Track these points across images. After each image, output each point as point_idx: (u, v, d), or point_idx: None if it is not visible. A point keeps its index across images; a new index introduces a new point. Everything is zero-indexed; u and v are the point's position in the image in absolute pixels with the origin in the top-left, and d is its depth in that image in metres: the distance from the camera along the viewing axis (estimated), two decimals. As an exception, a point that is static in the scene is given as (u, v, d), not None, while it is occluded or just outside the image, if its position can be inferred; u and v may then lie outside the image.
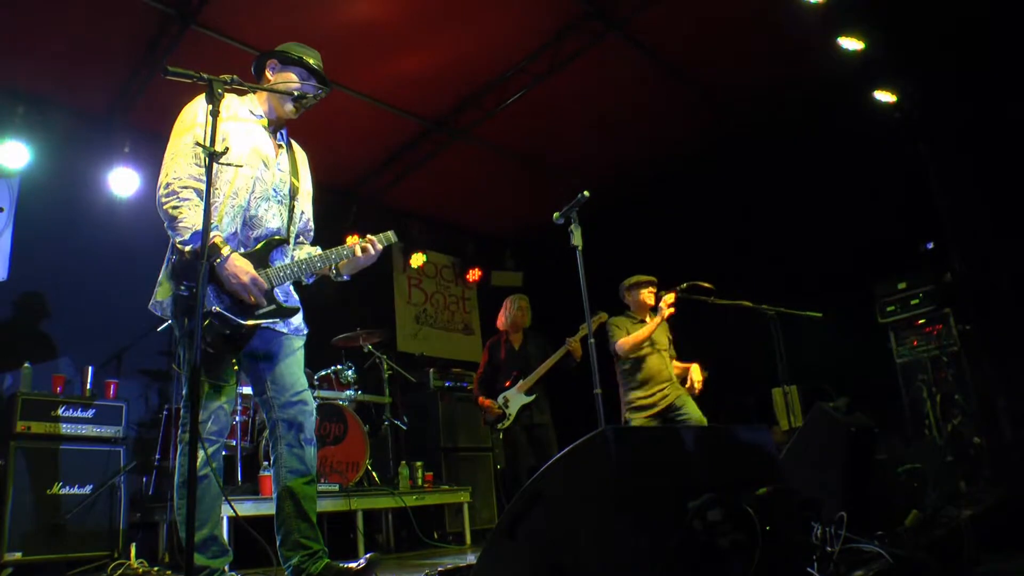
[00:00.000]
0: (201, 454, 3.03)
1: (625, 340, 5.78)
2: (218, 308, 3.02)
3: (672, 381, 5.82)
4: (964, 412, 6.39)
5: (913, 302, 6.89)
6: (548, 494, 2.23)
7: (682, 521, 2.05)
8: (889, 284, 7.08)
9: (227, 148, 2.87)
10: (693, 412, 5.71)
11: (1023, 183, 6.03)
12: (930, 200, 6.63)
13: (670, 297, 5.75)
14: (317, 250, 3.60)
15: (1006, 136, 6.12)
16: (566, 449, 2.22)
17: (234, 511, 3.29)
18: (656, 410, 5.72)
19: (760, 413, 7.41)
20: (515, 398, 6.16)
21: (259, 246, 3.26)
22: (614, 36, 6.65)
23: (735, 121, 7.95)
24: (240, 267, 3.07)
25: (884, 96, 6.74)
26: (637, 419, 5.70)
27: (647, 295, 5.98)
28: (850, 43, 6.39)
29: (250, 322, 3.12)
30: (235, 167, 3.18)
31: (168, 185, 3.08)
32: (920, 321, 6.84)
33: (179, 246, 3.00)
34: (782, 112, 7.56)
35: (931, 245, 6.95)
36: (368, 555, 3.35)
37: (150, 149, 6.60)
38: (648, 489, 2.12)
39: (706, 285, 5.73)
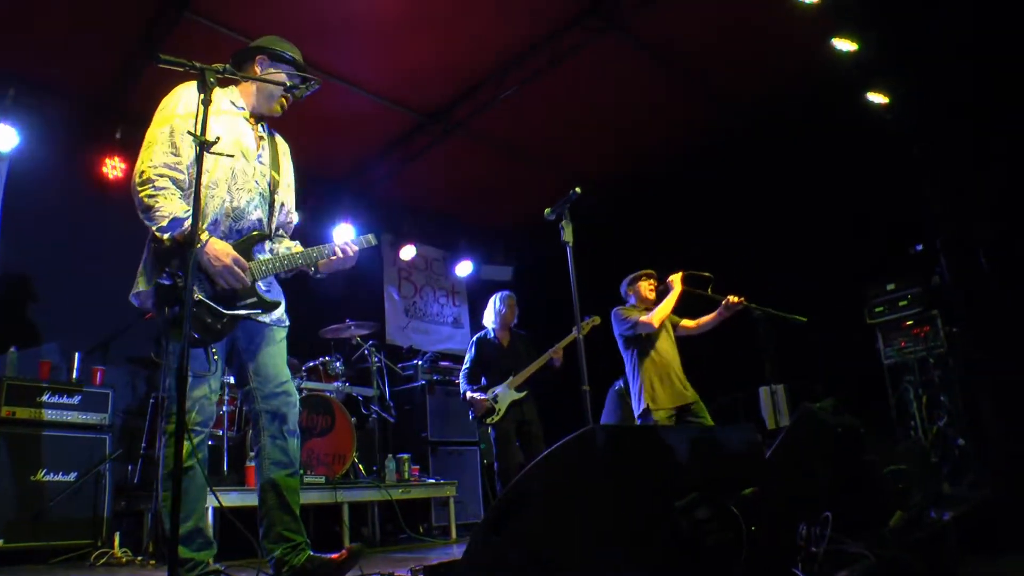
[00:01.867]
0: (187, 445, 3.02)
1: (654, 314, 5.62)
2: (201, 296, 3.01)
3: (682, 375, 5.74)
4: (950, 414, 6.42)
5: (901, 303, 6.91)
6: (535, 490, 2.23)
7: (668, 520, 2.05)
8: (878, 285, 7.10)
9: (218, 138, 2.86)
10: (708, 423, 5.63)
11: (1013, 187, 6.05)
12: (920, 202, 6.65)
13: (679, 275, 5.75)
14: (296, 245, 3.62)
15: (997, 139, 6.13)
16: (553, 446, 2.22)
17: (219, 502, 3.28)
18: (678, 403, 5.57)
19: (747, 412, 7.42)
20: (505, 394, 6.16)
21: (241, 240, 3.26)
22: (612, 33, 6.64)
23: (729, 120, 7.96)
24: (221, 250, 3.06)
25: (877, 97, 6.74)
26: (659, 416, 5.60)
27: (646, 288, 5.93)
28: (844, 44, 6.39)
29: (232, 312, 3.11)
30: (215, 157, 3.16)
31: (143, 173, 3.05)
32: (908, 323, 6.87)
33: (157, 235, 2.98)
34: (776, 112, 7.56)
35: (920, 247, 6.97)
36: (349, 546, 3.35)
37: (142, 136, 6.54)
38: (634, 488, 2.12)
39: (705, 274, 5.72)
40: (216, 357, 3.22)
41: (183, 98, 3.21)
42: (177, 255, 2.93)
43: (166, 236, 2.96)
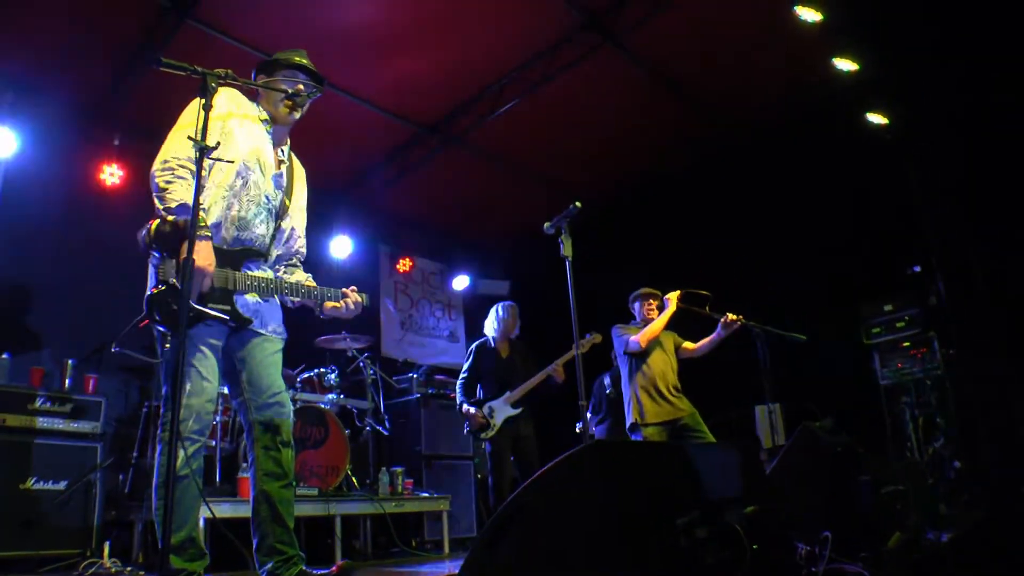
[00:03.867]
0: (181, 454, 2.99)
1: (642, 334, 5.72)
2: (175, 281, 2.96)
3: (679, 390, 5.77)
4: (945, 435, 6.41)
5: (899, 324, 6.91)
6: (532, 507, 2.20)
7: (668, 538, 2.02)
8: (875, 306, 7.10)
9: (218, 143, 2.85)
10: (708, 437, 5.63)
11: (1011, 210, 6.06)
12: (918, 224, 6.66)
13: (675, 294, 5.80)
14: (309, 279, 3.65)
15: (996, 163, 6.15)
16: (551, 463, 2.20)
17: (211, 513, 3.24)
18: (667, 418, 5.61)
19: (743, 431, 7.39)
20: (501, 409, 6.13)
21: (237, 250, 3.26)
22: (610, 48, 6.64)
23: (727, 137, 7.96)
24: (201, 252, 2.97)
25: (876, 118, 6.75)
26: (648, 432, 5.61)
27: (646, 308, 5.98)
28: (845, 64, 6.40)
29: (200, 308, 3.04)
30: (227, 163, 3.15)
31: (166, 161, 3.08)
32: (905, 344, 6.87)
33: (163, 213, 3.00)
34: (774, 130, 7.57)
35: (918, 268, 6.98)
36: (341, 562, 3.32)
37: (140, 143, 6.54)
38: (634, 505, 2.10)
39: (703, 292, 5.75)
40: (216, 364, 3.20)
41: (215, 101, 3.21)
42: (172, 239, 2.96)
43: (171, 217, 2.98)
